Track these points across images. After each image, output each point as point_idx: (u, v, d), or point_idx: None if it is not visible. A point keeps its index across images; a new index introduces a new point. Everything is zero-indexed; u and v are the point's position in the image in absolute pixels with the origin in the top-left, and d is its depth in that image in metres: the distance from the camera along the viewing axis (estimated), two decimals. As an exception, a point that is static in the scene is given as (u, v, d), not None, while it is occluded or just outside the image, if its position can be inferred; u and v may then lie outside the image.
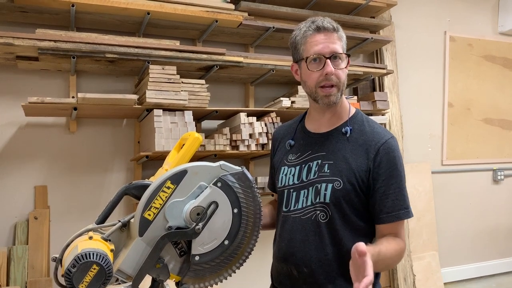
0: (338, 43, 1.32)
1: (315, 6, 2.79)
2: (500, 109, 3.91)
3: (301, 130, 1.47)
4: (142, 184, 0.99)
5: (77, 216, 2.42)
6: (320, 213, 1.33)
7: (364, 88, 3.22)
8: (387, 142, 1.32)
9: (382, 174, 1.30)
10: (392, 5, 3.05)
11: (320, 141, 1.39)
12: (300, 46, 1.36)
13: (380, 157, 1.31)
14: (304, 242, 1.35)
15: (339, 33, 1.34)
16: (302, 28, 1.36)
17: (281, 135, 1.54)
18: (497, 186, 3.94)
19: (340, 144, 1.35)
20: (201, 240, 0.97)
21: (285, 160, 1.45)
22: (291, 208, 1.39)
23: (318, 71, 1.31)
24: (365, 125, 1.38)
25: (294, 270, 1.37)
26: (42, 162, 2.38)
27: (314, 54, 1.31)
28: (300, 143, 1.44)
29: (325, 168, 1.33)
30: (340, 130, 1.37)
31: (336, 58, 1.31)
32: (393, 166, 1.31)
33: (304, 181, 1.37)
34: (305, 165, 1.38)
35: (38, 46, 2.01)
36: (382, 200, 1.30)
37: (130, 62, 2.26)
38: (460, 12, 3.75)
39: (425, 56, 3.57)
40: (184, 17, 2.34)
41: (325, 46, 1.30)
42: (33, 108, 2.09)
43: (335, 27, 1.33)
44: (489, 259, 3.87)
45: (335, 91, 1.32)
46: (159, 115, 2.18)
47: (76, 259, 0.83)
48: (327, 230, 1.33)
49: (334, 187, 1.30)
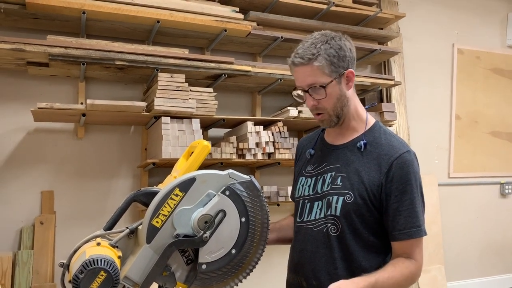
0: (315, 74, 1.28)
1: (323, 17, 2.81)
2: (508, 122, 3.89)
3: (320, 141, 1.48)
4: (151, 191, 0.99)
5: (83, 222, 2.42)
6: (331, 226, 1.31)
7: (371, 99, 3.21)
8: (401, 157, 1.29)
9: (394, 190, 1.27)
10: (401, 17, 3.06)
11: (336, 153, 1.38)
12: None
13: (393, 172, 1.27)
14: (314, 254, 1.34)
15: (314, 63, 1.27)
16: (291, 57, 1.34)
17: (303, 144, 1.57)
18: (505, 200, 3.90)
19: (354, 157, 1.34)
20: (208, 248, 0.96)
21: (304, 170, 1.47)
22: (305, 219, 1.38)
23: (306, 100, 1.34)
24: (381, 137, 1.35)
25: (303, 281, 1.36)
26: (49, 167, 2.39)
27: (297, 87, 1.34)
28: (318, 154, 1.45)
29: (337, 181, 1.32)
30: (355, 143, 1.36)
31: (314, 89, 1.29)
32: (406, 182, 1.27)
33: (318, 193, 1.36)
34: (321, 176, 1.38)
35: (49, 52, 2.03)
36: (395, 217, 1.27)
37: (139, 70, 2.27)
38: (468, 24, 3.75)
39: (433, 68, 3.57)
40: (194, 26, 2.36)
41: (302, 81, 1.31)
42: (42, 113, 2.11)
43: (307, 59, 1.27)
44: (495, 274, 3.82)
45: (326, 117, 1.33)
46: (167, 123, 2.19)
47: (84, 265, 0.83)
48: (337, 243, 1.31)
49: (345, 200, 1.29)
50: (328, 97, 1.30)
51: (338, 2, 2.76)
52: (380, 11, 2.90)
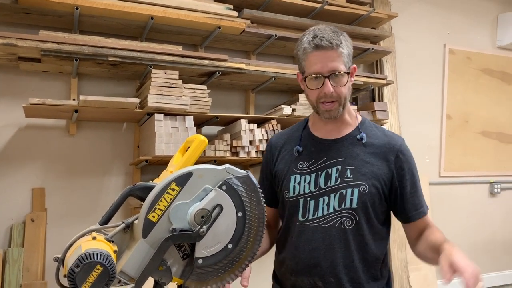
0: (338, 60, 1.30)
1: (317, 16, 2.81)
2: (498, 122, 3.94)
3: (308, 137, 1.45)
4: (147, 186, 0.98)
5: (75, 220, 2.40)
6: (346, 219, 1.33)
7: (363, 98, 3.23)
8: (402, 145, 1.41)
9: (405, 174, 1.38)
10: (393, 17, 3.07)
11: (335, 147, 1.39)
12: (302, 61, 1.36)
13: (401, 159, 1.37)
14: (329, 251, 1.34)
15: (339, 49, 1.30)
16: (304, 42, 1.33)
17: (281, 142, 1.50)
18: (494, 199, 3.95)
19: (358, 150, 1.37)
20: (205, 243, 0.96)
21: (294, 168, 1.42)
22: (310, 217, 1.36)
23: (318, 89, 1.31)
24: (375, 130, 1.43)
25: (318, 281, 1.34)
26: (41, 164, 2.37)
27: (313, 73, 1.31)
28: (311, 150, 1.42)
29: (347, 173, 1.34)
30: (354, 136, 1.39)
31: (337, 76, 1.30)
32: (412, 166, 1.41)
33: (322, 188, 1.35)
34: (322, 171, 1.37)
35: (41, 48, 2.01)
36: (412, 199, 1.38)
37: (132, 66, 2.26)
38: (459, 25, 3.79)
39: (425, 68, 3.60)
40: (188, 23, 2.35)
41: (324, 66, 1.29)
42: (34, 109, 2.08)
43: (335, 43, 1.29)
44: (485, 271, 3.86)
45: (336, 106, 1.34)
46: (160, 120, 2.18)
47: (80, 259, 0.82)
48: (353, 236, 1.34)
49: (360, 191, 1.32)
50: (346, 86, 1.33)
51: (331, 1, 2.77)
52: (373, 10, 2.91)
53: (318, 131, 1.45)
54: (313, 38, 1.31)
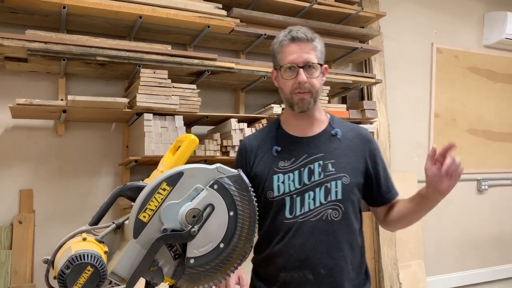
0: (312, 53, 1.40)
1: (306, 15, 2.82)
2: (485, 120, 3.98)
3: (283, 136, 1.50)
4: (137, 186, 0.98)
5: (63, 221, 2.38)
6: (333, 211, 1.39)
7: (352, 97, 3.25)
8: (368, 134, 1.53)
9: (378, 161, 1.50)
10: (381, 16, 3.09)
11: (314, 143, 1.45)
12: (277, 54, 1.44)
13: (372, 147, 1.49)
14: (318, 243, 1.38)
15: (313, 43, 1.41)
16: (280, 37, 1.44)
17: (256, 144, 1.52)
18: (481, 196, 4.00)
19: (335, 144, 1.45)
20: (197, 243, 0.96)
21: (275, 168, 1.44)
22: (297, 213, 1.39)
23: (292, 79, 1.39)
24: (343, 124, 1.53)
25: (309, 274, 1.38)
26: (28, 166, 2.34)
27: (288, 63, 1.39)
28: (289, 148, 1.46)
29: (329, 167, 1.40)
30: (328, 132, 1.48)
31: (310, 67, 1.39)
32: (380, 153, 1.53)
33: (307, 184, 1.40)
34: (304, 168, 1.41)
35: (28, 47, 1.98)
36: (387, 181, 1.51)
37: (121, 66, 2.24)
38: (447, 24, 3.82)
39: (413, 67, 3.63)
40: (176, 22, 2.34)
41: (299, 56, 1.38)
42: (21, 110, 2.06)
43: (310, 37, 1.40)
44: (473, 268, 3.91)
45: (309, 97, 1.41)
46: (149, 119, 2.16)
47: (70, 261, 0.81)
48: (340, 227, 1.40)
49: (343, 183, 1.40)
50: (318, 79, 1.41)
51: (320, 0, 2.77)
52: (362, 9, 2.93)
53: (292, 130, 1.50)
54: (289, 32, 1.41)
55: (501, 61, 4.08)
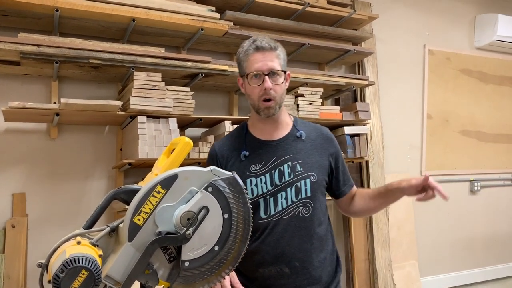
0: (276, 61, 1.48)
1: (299, 17, 2.83)
2: (477, 122, 4.02)
3: (252, 140, 1.58)
4: (132, 189, 0.97)
5: (56, 225, 2.36)
6: (303, 208, 1.51)
7: (346, 99, 3.26)
8: (329, 133, 1.65)
9: (338, 157, 1.63)
10: (374, 18, 3.11)
11: (281, 146, 1.55)
12: (243, 63, 1.52)
13: (333, 145, 1.62)
14: (291, 239, 1.49)
15: (277, 51, 1.50)
16: (245, 46, 1.52)
17: (226, 150, 1.60)
18: (474, 197, 4.03)
19: (300, 145, 1.56)
20: (191, 245, 0.95)
21: (247, 172, 1.52)
22: (271, 213, 1.50)
23: (259, 86, 1.47)
24: (306, 125, 1.64)
25: (285, 268, 1.49)
26: (21, 169, 2.32)
27: (254, 71, 1.47)
28: (258, 152, 1.55)
29: (297, 167, 1.51)
30: (293, 135, 1.58)
31: (274, 74, 1.48)
32: (340, 149, 1.67)
33: (278, 185, 1.50)
34: (275, 170, 1.51)
35: (21, 50, 1.98)
36: (344, 175, 1.65)
37: (114, 69, 2.24)
38: (438, 26, 3.86)
39: (405, 69, 3.65)
40: (170, 25, 2.34)
41: (264, 64, 1.47)
42: (14, 113, 2.05)
43: (273, 46, 1.49)
44: (466, 268, 3.93)
45: (273, 104, 1.49)
46: (143, 122, 2.16)
47: (65, 264, 0.81)
48: (311, 221, 1.52)
49: (311, 180, 1.51)
50: (281, 85, 1.50)
51: (313, 2, 2.79)
52: (354, 12, 2.95)
53: (260, 134, 1.58)
54: (254, 42, 1.50)
55: (493, 63, 4.12)
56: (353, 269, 3.17)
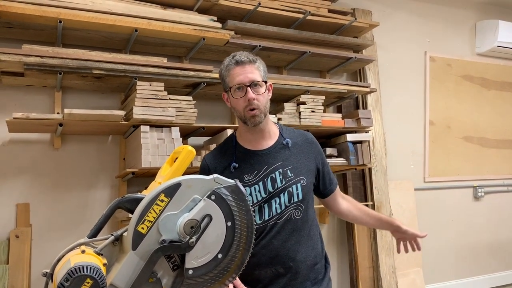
0: (256, 72, 1.56)
1: (300, 26, 2.85)
2: (479, 128, 4.02)
3: (242, 152, 1.64)
4: (135, 198, 0.98)
5: (60, 235, 2.37)
6: (295, 211, 1.59)
7: (348, 106, 3.27)
8: (313, 137, 1.73)
9: (322, 159, 1.72)
10: (375, 26, 3.13)
11: (271, 155, 1.62)
12: (225, 78, 1.59)
13: (317, 149, 1.71)
14: (285, 241, 1.57)
15: (256, 64, 1.57)
16: (226, 62, 1.60)
17: (217, 162, 1.66)
18: (478, 203, 4.01)
19: (287, 152, 1.63)
20: (195, 253, 0.96)
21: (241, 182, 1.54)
22: (266, 218, 1.57)
23: (242, 97, 1.55)
24: (292, 132, 1.71)
25: (280, 268, 1.57)
26: (25, 179, 2.33)
27: (236, 84, 1.55)
28: (250, 162, 1.61)
29: (288, 173, 1.59)
30: (280, 143, 1.65)
31: (256, 85, 1.55)
32: (323, 151, 1.76)
33: (271, 192, 1.57)
34: (267, 178, 1.58)
35: (24, 62, 2.00)
36: (329, 174, 1.75)
37: (117, 79, 2.25)
38: (439, 33, 3.87)
39: (407, 75, 3.66)
40: (172, 35, 2.36)
41: (245, 77, 1.54)
42: (18, 124, 2.06)
43: (252, 59, 1.57)
44: (471, 275, 3.91)
45: (258, 113, 1.56)
46: (146, 131, 2.17)
47: (70, 273, 0.81)
48: (302, 223, 1.60)
49: (302, 184, 1.59)
50: (264, 95, 1.57)
51: (314, 11, 2.81)
52: (355, 20, 2.97)
53: (248, 144, 1.64)
54: (233, 57, 1.58)
55: (494, 69, 4.13)
56: (357, 277, 3.16)
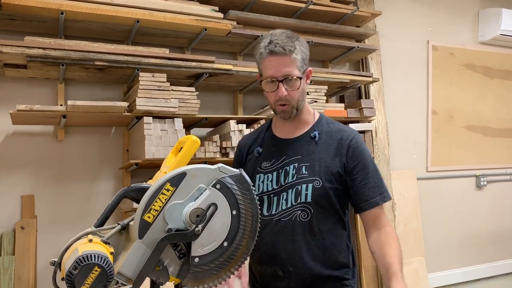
0: (292, 65, 1.39)
1: (302, 16, 2.84)
2: (482, 117, 4.01)
3: (270, 137, 1.56)
4: (141, 187, 0.99)
5: (65, 226, 2.38)
6: (302, 212, 1.43)
7: (350, 96, 3.27)
8: (354, 138, 1.47)
9: (355, 166, 1.44)
10: (377, 15, 3.11)
11: (293, 146, 1.49)
12: (259, 64, 1.47)
13: (352, 152, 1.45)
14: (287, 242, 1.44)
15: (292, 55, 1.39)
16: (261, 47, 1.43)
17: (248, 144, 1.60)
18: (480, 192, 4.02)
19: (312, 147, 1.47)
20: (201, 242, 0.97)
21: (259, 167, 1.52)
22: (273, 212, 1.46)
23: (273, 92, 1.41)
24: (330, 126, 1.52)
25: (279, 270, 1.44)
26: (29, 171, 2.35)
27: (268, 77, 1.41)
28: (272, 150, 1.53)
29: (302, 170, 1.44)
30: (309, 135, 1.49)
31: (290, 80, 1.40)
32: (364, 159, 1.46)
33: (282, 185, 1.46)
34: (282, 169, 1.47)
35: (27, 54, 2.00)
36: (361, 190, 1.43)
37: (120, 70, 2.25)
38: (442, 22, 3.85)
39: (409, 65, 3.65)
40: (174, 25, 2.36)
41: (278, 71, 1.39)
42: (21, 116, 2.07)
43: (288, 49, 1.38)
44: (474, 264, 3.93)
45: (290, 108, 1.44)
46: (149, 123, 2.17)
47: (78, 261, 0.82)
48: (309, 228, 1.43)
49: (314, 186, 1.42)
50: (298, 89, 1.42)
51: (316, 0, 2.79)
52: (357, 9, 2.95)
53: (278, 131, 1.55)
54: (269, 44, 1.40)
55: (497, 57, 4.11)
56: (360, 265, 3.18)
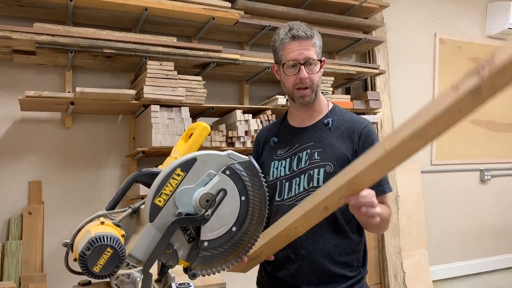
0: (312, 50, 1.47)
1: (309, 6, 2.83)
2: (487, 111, 4.00)
3: (285, 126, 1.61)
4: (152, 172, 1.00)
5: (71, 212, 2.41)
6: None
7: (356, 88, 3.27)
8: (367, 127, 1.51)
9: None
10: (385, 7, 3.10)
11: (307, 133, 1.54)
12: (279, 51, 1.50)
13: (363, 139, 1.48)
14: None
15: (313, 40, 1.47)
16: (281, 34, 1.49)
17: (264, 135, 1.66)
18: (484, 186, 4.02)
19: (325, 134, 1.51)
20: (210, 226, 0.98)
21: (274, 155, 1.56)
22: (285, 197, 1.50)
23: (294, 75, 1.46)
24: (344, 115, 1.56)
25: (291, 254, 1.47)
26: (37, 157, 2.37)
27: (290, 60, 1.46)
28: (286, 138, 1.57)
29: (315, 156, 1.48)
30: (322, 122, 1.54)
31: (311, 64, 1.46)
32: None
33: (295, 171, 1.50)
34: (295, 156, 1.51)
35: (36, 40, 2.01)
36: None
37: (127, 58, 2.26)
38: (449, 15, 3.83)
39: (416, 57, 3.64)
40: (182, 14, 2.36)
41: (300, 53, 1.45)
42: (30, 102, 2.09)
43: (309, 35, 1.46)
44: (476, 257, 3.95)
45: (309, 92, 1.48)
46: (156, 111, 2.19)
47: (91, 242, 0.84)
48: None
49: (326, 170, 1.45)
50: (318, 74, 1.48)
51: (324, -9, 2.79)
52: (365, 0, 2.94)
53: (293, 120, 1.59)
54: (290, 30, 1.47)
55: (504, 52, 4.08)
56: (363, 257, 3.20)
